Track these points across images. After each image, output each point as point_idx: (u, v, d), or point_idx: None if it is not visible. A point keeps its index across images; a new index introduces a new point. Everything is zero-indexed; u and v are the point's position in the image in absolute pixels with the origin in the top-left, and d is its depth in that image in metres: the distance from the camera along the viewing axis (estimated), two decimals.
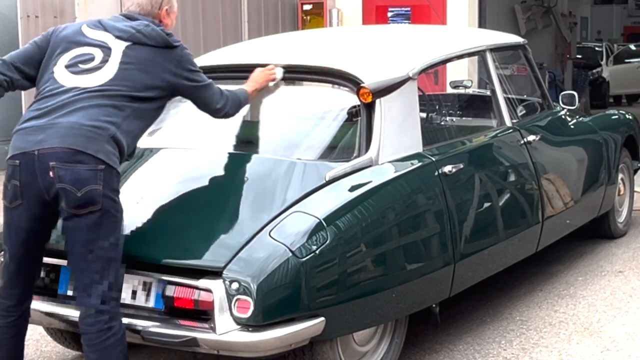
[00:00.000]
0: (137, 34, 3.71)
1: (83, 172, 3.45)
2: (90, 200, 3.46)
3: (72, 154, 3.45)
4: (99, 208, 3.48)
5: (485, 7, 12.01)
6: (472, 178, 4.77)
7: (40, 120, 3.55)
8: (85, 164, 3.46)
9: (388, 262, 4.12)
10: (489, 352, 4.68)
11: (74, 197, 3.45)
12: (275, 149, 4.40)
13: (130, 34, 3.71)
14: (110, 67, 3.65)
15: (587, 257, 6.41)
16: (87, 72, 3.64)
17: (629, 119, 7.10)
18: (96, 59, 3.67)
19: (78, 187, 3.44)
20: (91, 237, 3.49)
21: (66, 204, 3.46)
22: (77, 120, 3.51)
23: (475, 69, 8.24)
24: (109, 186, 3.51)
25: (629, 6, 33.71)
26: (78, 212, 3.47)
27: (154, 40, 3.72)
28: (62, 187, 3.45)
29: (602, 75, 21.25)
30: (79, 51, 3.70)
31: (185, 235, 3.87)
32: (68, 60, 3.69)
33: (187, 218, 3.97)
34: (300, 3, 11.71)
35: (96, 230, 3.49)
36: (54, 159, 3.45)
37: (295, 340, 3.68)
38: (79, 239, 3.51)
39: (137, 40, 3.71)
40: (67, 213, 3.49)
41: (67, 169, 3.44)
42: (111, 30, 3.74)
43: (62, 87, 3.62)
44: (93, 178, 3.46)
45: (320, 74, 4.55)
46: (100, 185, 3.47)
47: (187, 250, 3.80)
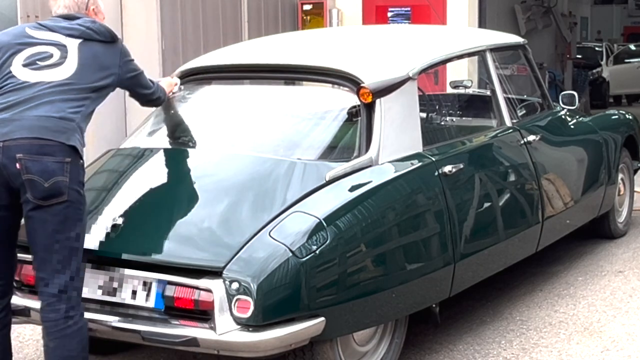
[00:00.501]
0: (88, 31, 3.82)
1: (50, 163, 3.54)
2: (56, 192, 3.54)
3: (39, 147, 3.54)
4: (65, 199, 3.56)
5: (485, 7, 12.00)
6: (472, 178, 4.77)
7: (5, 114, 3.61)
8: (52, 157, 3.55)
9: (388, 262, 4.12)
10: (489, 352, 4.68)
11: (41, 187, 3.52)
12: (276, 149, 4.40)
13: (81, 31, 3.82)
14: (71, 62, 3.75)
15: (587, 257, 6.41)
16: (49, 68, 3.72)
17: (629, 119, 7.10)
18: (54, 56, 3.75)
19: (45, 177, 3.52)
20: (57, 227, 3.57)
21: (33, 195, 3.53)
22: (44, 113, 3.61)
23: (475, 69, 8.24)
24: (75, 179, 3.60)
25: (629, 6, 33.70)
26: (44, 203, 3.54)
27: (103, 35, 3.85)
28: (29, 178, 3.52)
29: (602, 75, 21.23)
30: (33, 50, 3.77)
31: (186, 235, 3.87)
32: (24, 60, 3.74)
33: (187, 218, 3.97)
34: (300, 3, 11.70)
35: (61, 222, 3.57)
36: (20, 150, 3.52)
37: (295, 340, 3.68)
38: (45, 229, 3.58)
39: (88, 37, 3.82)
40: (32, 204, 3.55)
41: (34, 160, 3.53)
42: (58, 30, 3.82)
43: (26, 83, 3.68)
44: (60, 170, 3.55)
45: (320, 74, 4.55)
46: (66, 177, 3.56)
47: (187, 250, 3.80)
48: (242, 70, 4.83)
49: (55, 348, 3.61)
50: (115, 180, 4.30)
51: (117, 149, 4.61)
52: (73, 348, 3.61)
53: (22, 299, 4.00)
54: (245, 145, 4.49)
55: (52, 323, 3.60)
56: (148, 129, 4.72)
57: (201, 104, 4.91)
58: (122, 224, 3.89)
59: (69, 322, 3.60)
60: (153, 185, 4.22)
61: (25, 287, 4.07)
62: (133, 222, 3.94)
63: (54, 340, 3.61)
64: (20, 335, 5.05)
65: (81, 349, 3.64)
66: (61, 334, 3.60)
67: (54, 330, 3.60)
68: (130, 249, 3.86)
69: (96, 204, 4.07)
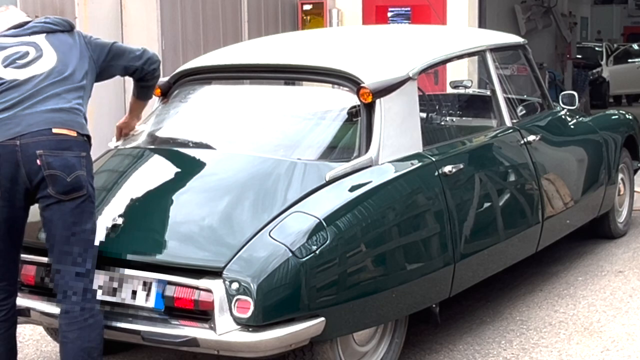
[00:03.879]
0: (47, 25, 3.87)
1: (70, 158, 3.59)
2: (78, 186, 3.60)
3: (57, 142, 3.58)
4: (84, 193, 3.62)
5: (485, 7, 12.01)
6: (472, 178, 4.77)
7: (9, 112, 3.61)
8: (71, 151, 3.60)
9: (388, 262, 4.12)
10: (489, 352, 4.68)
11: (64, 182, 3.57)
12: (276, 149, 4.40)
13: (40, 26, 3.86)
14: (50, 54, 3.78)
15: (587, 257, 6.41)
16: (32, 63, 3.74)
17: (629, 119, 7.10)
18: (30, 53, 3.78)
19: (67, 172, 3.57)
20: (75, 220, 3.61)
21: (55, 189, 3.57)
22: (54, 105, 3.65)
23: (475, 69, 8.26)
24: (90, 172, 3.69)
25: (629, 6, 33.67)
26: (65, 198, 3.58)
27: (62, 26, 3.90)
28: (51, 173, 3.55)
29: (602, 75, 21.23)
30: (6, 53, 3.77)
31: (186, 235, 3.87)
32: (1, 62, 3.73)
33: (187, 218, 3.97)
34: (300, 3, 11.70)
35: (80, 215, 3.62)
36: (40, 147, 3.55)
37: (295, 341, 3.68)
38: (64, 222, 3.61)
39: (49, 30, 3.85)
40: (53, 199, 3.58)
41: (55, 156, 3.56)
42: (19, 33, 3.84)
43: (17, 80, 3.68)
44: (79, 164, 3.61)
45: (320, 74, 4.55)
46: (84, 171, 3.63)
47: (187, 250, 3.80)
48: (242, 70, 4.83)
49: (76, 339, 3.62)
50: (115, 180, 4.29)
51: (117, 149, 4.60)
52: (93, 339, 3.65)
53: (22, 299, 4.00)
54: (245, 146, 4.48)
55: (77, 313, 3.63)
56: (148, 129, 4.72)
57: (201, 104, 4.91)
58: (122, 224, 3.89)
59: (89, 314, 3.64)
60: (153, 185, 4.21)
61: (25, 287, 4.07)
62: (133, 222, 3.94)
63: (75, 332, 3.63)
64: (21, 335, 5.04)
65: (100, 340, 3.68)
66: (82, 325, 3.62)
67: (78, 320, 3.63)
68: (130, 249, 3.86)
69: (96, 204, 4.06)
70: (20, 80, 3.68)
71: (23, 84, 3.68)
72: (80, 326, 3.62)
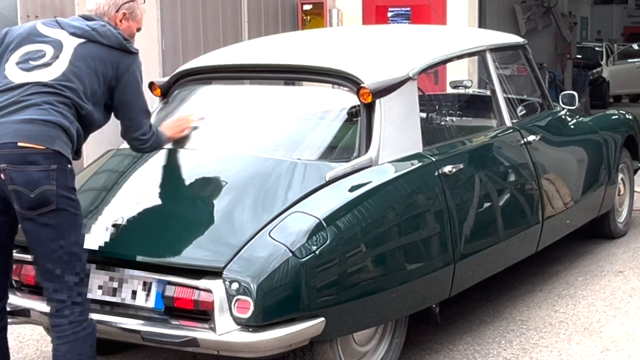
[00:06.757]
0: (92, 32, 3.74)
1: (35, 173, 3.42)
2: (44, 201, 3.44)
3: (22, 155, 3.42)
4: (53, 208, 3.45)
5: (485, 7, 12.00)
6: (472, 178, 4.77)
7: None
8: (36, 165, 3.43)
9: (388, 262, 4.12)
10: (489, 352, 4.68)
11: (27, 198, 3.43)
12: (276, 149, 4.40)
13: (84, 30, 3.74)
14: (60, 64, 3.65)
15: (587, 257, 6.41)
16: (38, 68, 3.63)
17: (629, 119, 7.10)
18: (47, 55, 3.68)
19: (31, 188, 3.42)
20: (51, 236, 3.49)
21: (20, 205, 3.45)
22: (28, 116, 3.49)
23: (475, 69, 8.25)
24: (64, 185, 3.48)
25: (629, 6, 33.66)
26: (32, 214, 3.45)
27: (108, 40, 3.75)
28: (14, 189, 3.43)
29: (602, 75, 21.23)
30: (30, 48, 3.70)
31: (185, 235, 3.87)
32: (19, 57, 3.68)
33: (187, 218, 3.97)
34: (300, 3, 11.70)
35: (55, 230, 3.48)
36: (3, 161, 3.42)
37: (295, 341, 3.68)
38: (40, 240, 3.50)
39: (90, 38, 3.73)
40: (22, 215, 3.48)
41: (18, 170, 3.42)
42: (66, 28, 3.76)
43: (11, 84, 3.60)
44: (46, 178, 3.43)
45: (320, 74, 4.55)
46: (53, 185, 3.44)
47: (187, 250, 3.80)
48: (242, 70, 4.83)
49: (67, 352, 3.57)
50: (115, 180, 4.29)
51: (117, 149, 4.60)
52: (85, 351, 3.59)
53: (22, 299, 4.01)
54: (245, 146, 4.48)
55: (66, 327, 3.57)
56: None
57: (201, 104, 4.90)
58: (122, 224, 3.88)
59: (79, 327, 3.57)
60: (153, 186, 4.22)
61: (25, 287, 4.07)
62: (133, 222, 3.93)
63: (65, 345, 3.57)
64: (20, 335, 5.05)
65: (92, 352, 3.62)
66: (73, 338, 3.56)
67: (67, 333, 3.57)
68: (130, 249, 3.86)
69: (96, 204, 4.07)
70: (14, 84, 3.59)
71: (13, 89, 3.57)
72: (69, 340, 3.56)
